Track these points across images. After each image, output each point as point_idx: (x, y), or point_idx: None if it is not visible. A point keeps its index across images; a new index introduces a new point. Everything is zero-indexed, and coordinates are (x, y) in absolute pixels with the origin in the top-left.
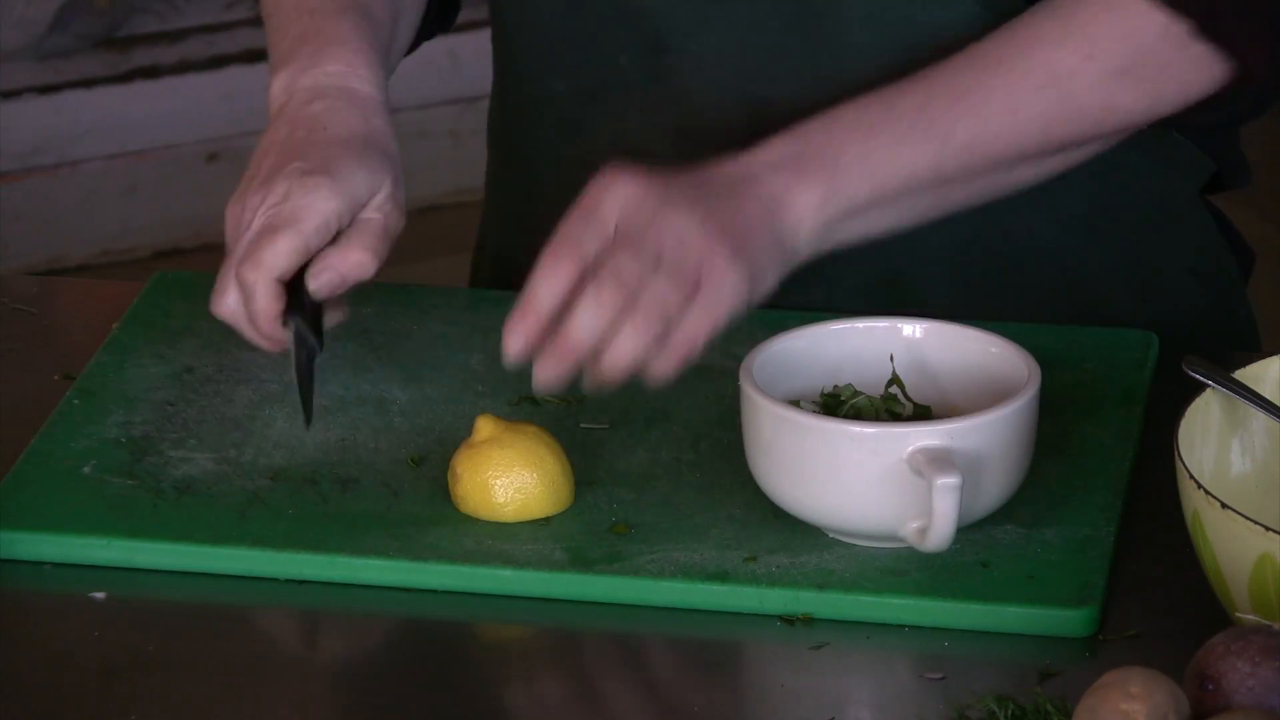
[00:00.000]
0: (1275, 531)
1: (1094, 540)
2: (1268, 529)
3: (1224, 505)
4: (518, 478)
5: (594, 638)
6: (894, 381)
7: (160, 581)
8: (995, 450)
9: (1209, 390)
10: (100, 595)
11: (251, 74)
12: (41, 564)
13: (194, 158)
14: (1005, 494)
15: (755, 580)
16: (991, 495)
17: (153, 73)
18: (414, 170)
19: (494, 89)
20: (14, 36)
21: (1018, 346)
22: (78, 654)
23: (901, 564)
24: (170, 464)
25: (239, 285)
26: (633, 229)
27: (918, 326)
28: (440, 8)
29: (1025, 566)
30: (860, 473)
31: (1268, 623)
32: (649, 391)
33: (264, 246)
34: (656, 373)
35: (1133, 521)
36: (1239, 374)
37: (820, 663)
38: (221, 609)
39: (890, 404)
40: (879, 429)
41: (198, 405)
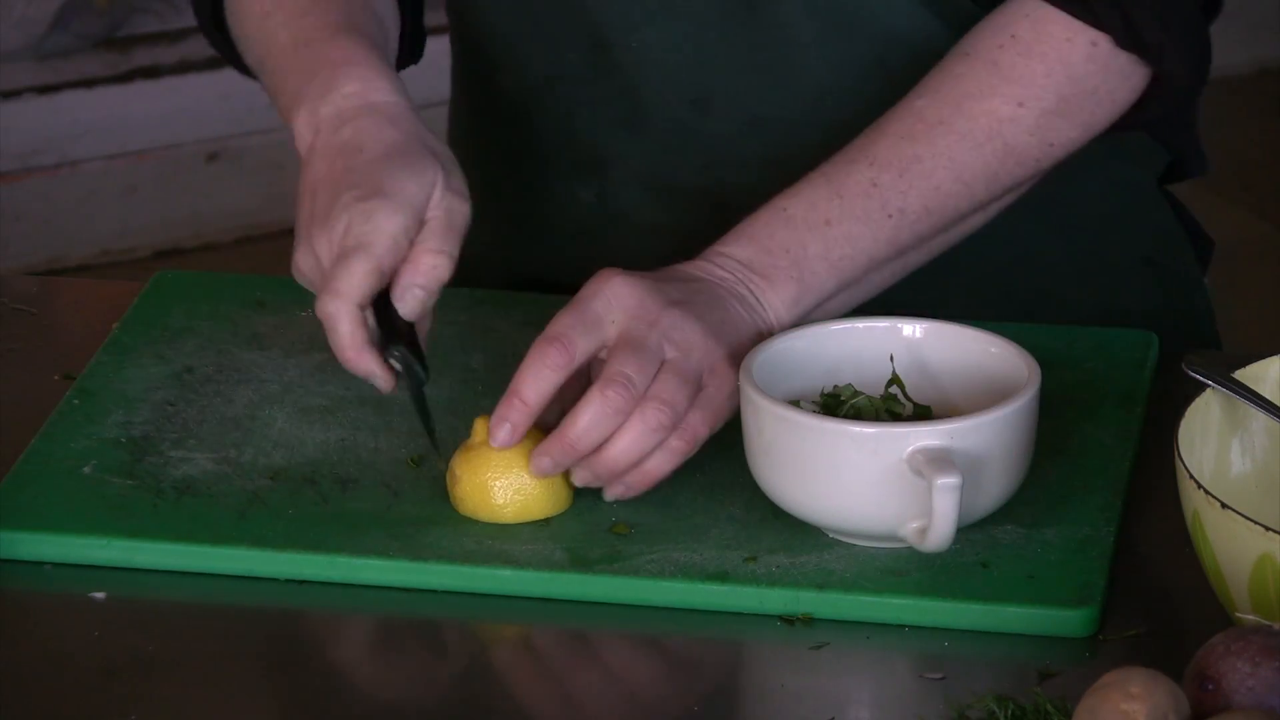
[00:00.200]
0: (1275, 531)
1: (1094, 540)
2: (1268, 529)
3: (1224, 505)
4: (517, 479)
5: (594, 638)
6: (894, 381)
7: (160, 581)
8: (995, 450)
9: (1209, 390)
10: (100, 595)
11: None
12: (41, 564)
13: (194, 158)
14: (1005, 494)
15: (755, 580)
16: (991, 495)
17: (153, 73)
18: None
19: (451, 91)
20: (14, 36)
21: (1018, 346)
22: (78, 654)
23: (901, 564)
24: (170, 464)
25: (321, 320)
26: (636, 331)
27: (918, 326)
28: (411, 41)
29: (1025, 566)
30: (860, 473)
31: (1268, 623)
32: None
33: (338, 276)
34: (654, 468)
35: (1133, 521)
36: (1239, 374)
37: (820, 663)
38: (221, 609)
39: (890, 404)
40: (879, 429)
41: (198, 405)
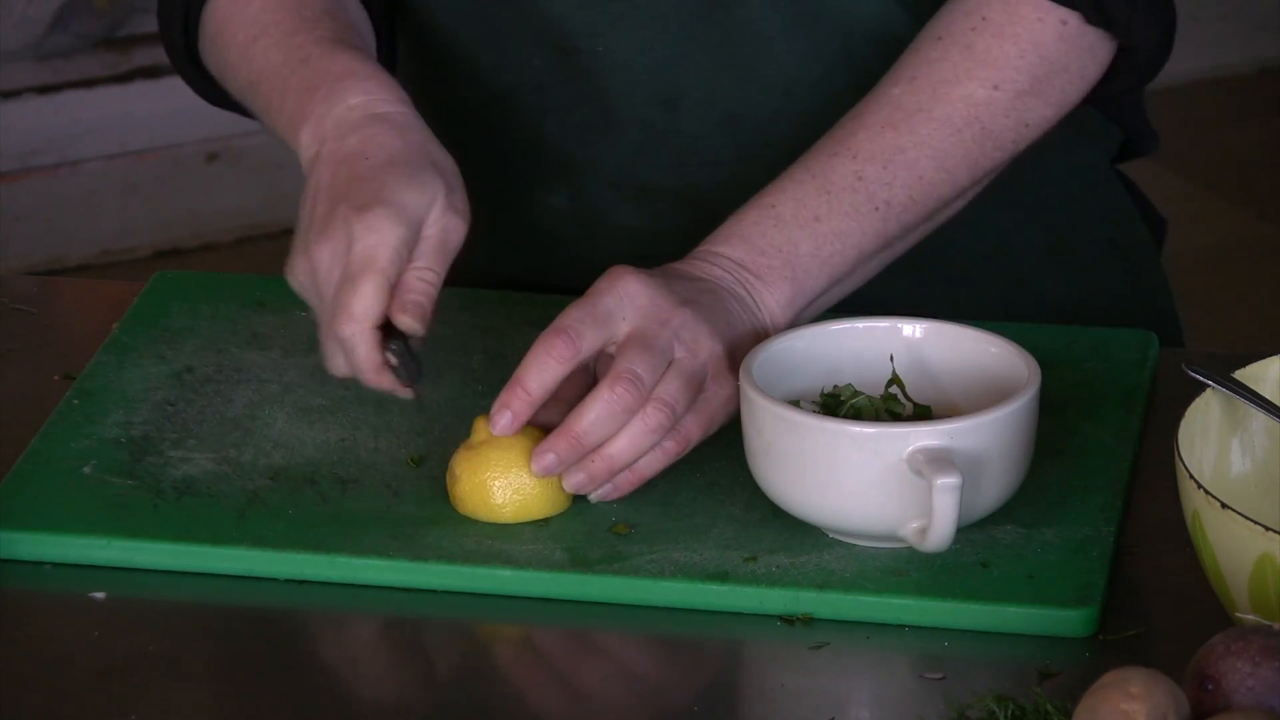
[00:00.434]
0: (1275, 531)
1: (1094, 540)
2: (1268, 529)
3: (1224, 505)
4: (516, 479)
5: (594, 638)
6: (894, 381)
7: (160, 581)
8: (995, 450)
9: (1209, 390)
10: (100, 595)
11: None
12: (41, 564)
13: (194, 158)
14: (1005, 494)
15: (755, 580)
16: (991, 495)
17: (153, 73)
18: None
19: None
20: (14, 36)
21: (1018, 346)
22: (78, 654)
23: (901, 564)
24: (170, 464)
25: (338, 342)
26: (648, 329)
27: (918, 326)
28: (388, 62)
29: (1025, 566)
30: (860, 473)
31: (1268, 623)
32: None
33: (351, 299)
34: (644, 468)
35: (1133, 521)
36: (1239, 374)
37: (820, 663)
38: (221, 609)
39: (890, 404)
40: (879, 429)
41: (198, 405)
